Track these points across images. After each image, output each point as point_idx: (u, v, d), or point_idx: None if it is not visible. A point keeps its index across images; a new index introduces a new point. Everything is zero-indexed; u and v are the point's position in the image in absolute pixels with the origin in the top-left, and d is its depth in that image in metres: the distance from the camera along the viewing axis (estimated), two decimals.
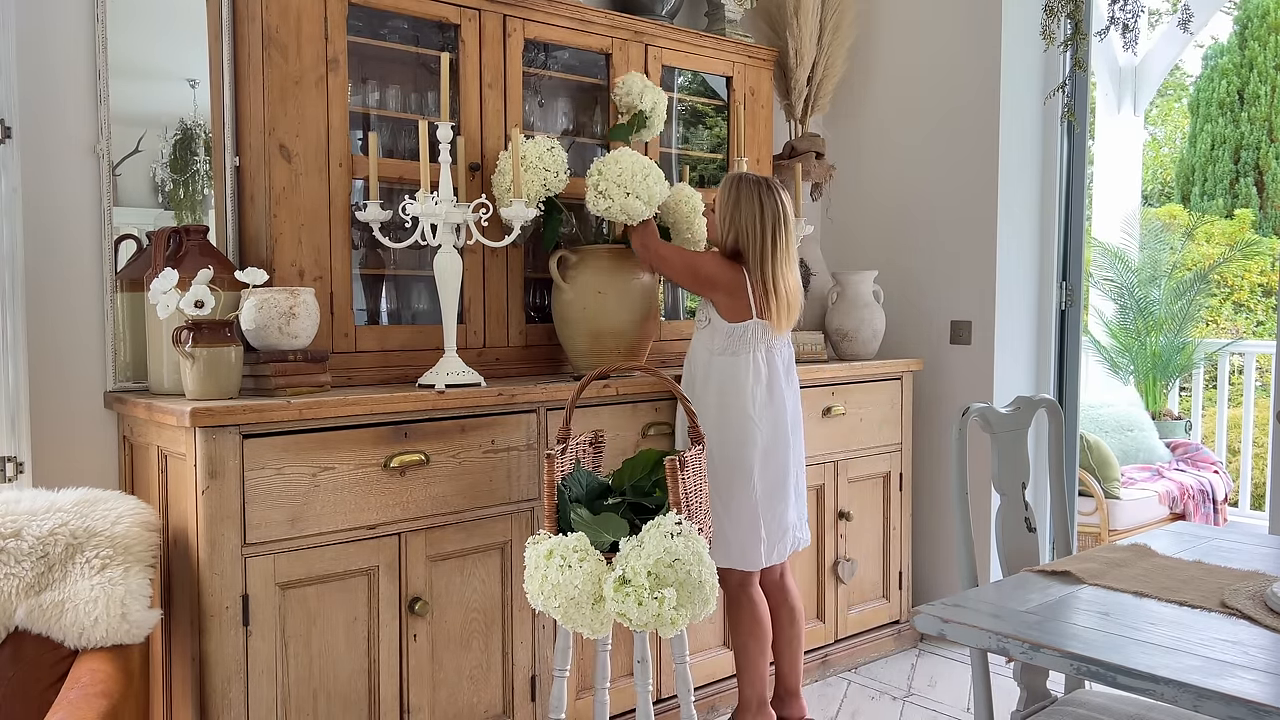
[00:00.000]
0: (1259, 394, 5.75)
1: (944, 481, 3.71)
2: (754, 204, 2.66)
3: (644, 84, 3.01)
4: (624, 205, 2.68)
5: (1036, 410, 2.28)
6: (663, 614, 1.99)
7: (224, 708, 2.12)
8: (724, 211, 2.70)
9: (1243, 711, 1.29)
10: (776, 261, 2.67)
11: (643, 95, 3.00)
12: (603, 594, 2.04)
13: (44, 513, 2.03)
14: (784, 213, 2.68)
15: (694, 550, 2.03)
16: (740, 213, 2.66)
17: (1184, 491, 4.80)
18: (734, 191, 2.68)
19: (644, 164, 2.73)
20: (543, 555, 2.09)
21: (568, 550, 2.07)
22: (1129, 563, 1.93)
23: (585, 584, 2.03)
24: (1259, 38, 8.11)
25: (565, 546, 2.08)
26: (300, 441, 2.21)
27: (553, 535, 2.16)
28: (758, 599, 2.74)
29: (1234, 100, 8.22)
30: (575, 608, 2.04)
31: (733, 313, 2.69)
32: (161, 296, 2.18)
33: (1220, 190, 8.28)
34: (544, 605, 2.10)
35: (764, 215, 2.65)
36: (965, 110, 3.65)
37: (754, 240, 2.65)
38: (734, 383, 2.68)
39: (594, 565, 2.06)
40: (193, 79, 2.62)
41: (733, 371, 2.68)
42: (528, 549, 2.16)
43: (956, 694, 3.25)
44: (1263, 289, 7.74)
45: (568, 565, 2.05)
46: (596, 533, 2.15)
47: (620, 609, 2.01)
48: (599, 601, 2.05)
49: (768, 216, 2.65)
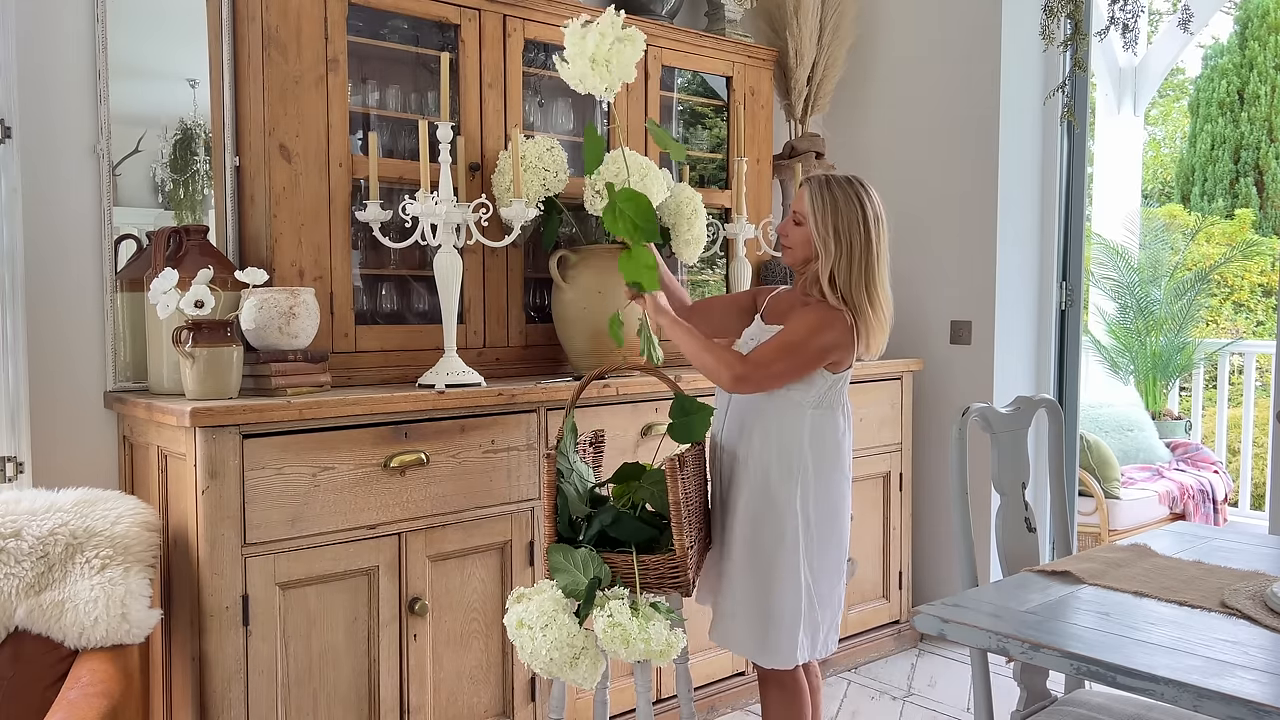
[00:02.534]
0: (1259, 394, 5.75)
1: (944, 481, 3.71)
2: (853, 205, 2.20)
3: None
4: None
5: (1036, 410, 2.28)
6: (650, 649, 2.00)
7: (224, 708, 2.12)
8: (821, 218, 2.19)
9: (1243, 711, 1.29)
10: (882, 269, 2.23)
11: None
12: (579, 650, 2.03)
13: (44, 513, 2.03)
14: (882, 213, 2.26)
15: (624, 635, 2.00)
16: (841, 218, 2.18)
17: (1184, 491, 4.80)
18: (827, 195, 2.20)
19: (642, 164, 2.73)
20: (513, 626, 2.08)
21: (532, 618, 2.05)
22: (1129, 563, 1.93)
23: (554, 650, 2.01)
24: (1259, 38, 8.11)
25: (531, 614, 2.05)
26: (300, 441, 2.21)
27: (531, 588, 2.14)
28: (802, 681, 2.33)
29: (1234, 100, 8.22)
30: (556, 668, 2.04)
31: (840, 365, 2.24)
32: (161, 296, 2.18)
33: (1220, 190, 8.28)
34: (532, 666, 2.08)
35: (866, 216, 2.20)
36: (965, 110, 3.65)
37: (859, 248, 2.18)
38: (840, 440, 2.28)
39: (559, 631, 2.02)
40: (193, 79, 2.62)
41: (829, 428, 2.25)
42: (508, 607, 2.14)
43: (956, 694, 3.24)
44: (1263, 289, 7.74)
45: (535, 632, 2.03)
46: (572, 575, 2.10)
47: (611, 649, 2.01)
48: (578, 658, 2.04)
49: (869, 217, 2.20)
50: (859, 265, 2.19)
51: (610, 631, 1.99)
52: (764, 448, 2.24)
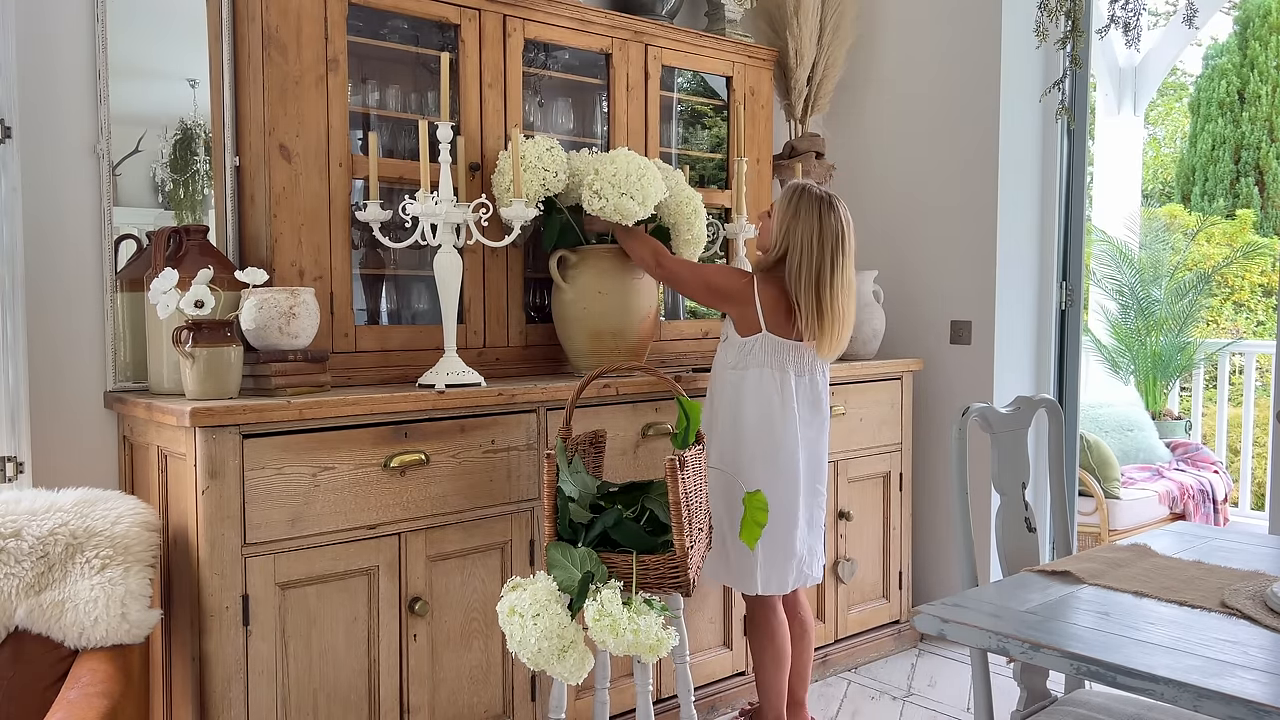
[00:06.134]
0: (1259, 394, 5.75)
1: (944, 481, 3.71)
2: (813, 220, 2.56)
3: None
4: (617, 205, 2.67)
5: (1036, 410, 2.28)
6: (640, 642, 1.99)
7: (224, 708, 2.12)
8: (781, 221, 2.61)
9: (1243, 711, 1.29)
10: (833, 284, 2.56)
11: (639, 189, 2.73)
12: (568, 643, 2.03)
13: (44, 513, 2.03)
14: (844, 234, 2.59)
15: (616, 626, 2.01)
16: (798, 226, 2.57)
17: (1184, 491, 4.80)
18: (794, 204, 2.59)
19: (640, 165, 2.72)
20: (505, 613, 2.09)
21: (524, 606, 2.05)
22: (1129, 563, 1.93)
23: (544, 639, 2.01)
24: (1259, 38, 8.11)
25: (524, 602, 2.06)
26: (300, 441, 2.21)
27: (526, 578, 2.15)
28: (774, 618, 2.69)
29: (1234, 100, 8.21)
30: (544, 660, 2.03)
31: (742, 326, 2.63)
32: (161, 296, 2.18)
33: (1221, 190, 8.28)
34: (519, 655, 2.09)
35: (822, 234, 2.55)
36: (965, 110, 3.65)
37: (808, 258, 2.55)
38: (741, 399, 2.62)
39: (549, 620, 2.02)
40: (193, 79, 2.62)
41: (740, 387, 2.63)
42: (502, 595, 2.15)
43: (956, 694, 3.24)
44: (1263, 289, 7.73)
45: (526, 620, 2.03)
46: (568, 571, 2.11)
47: (599, 639, 2.01)
48: (566, 651, 2.04)
49: (826, 236, 2.56)
50: (807, 267, 2.56)
51: (600, 621, 1.99)
52: (708, 400, 2.75)
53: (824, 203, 2.58)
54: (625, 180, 2.68)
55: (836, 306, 2.58)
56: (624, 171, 2.69)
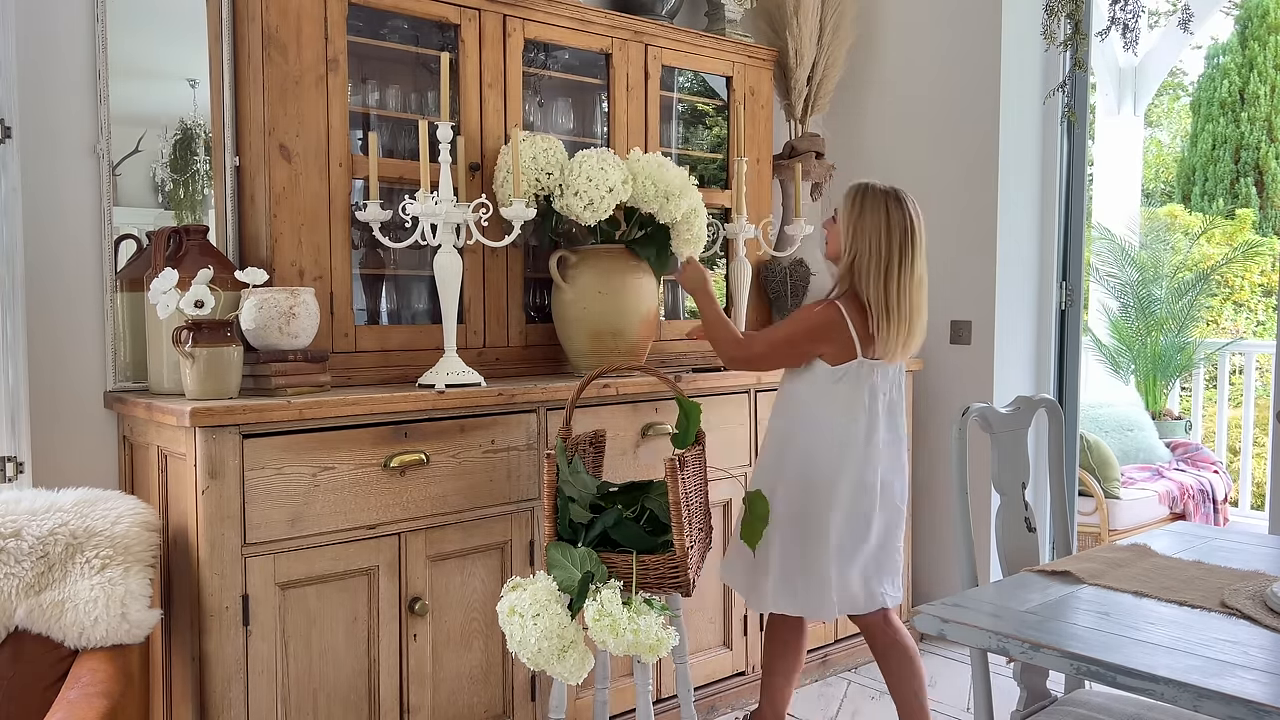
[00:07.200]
0: (1259, 394, 5.75)
1: (944, 481, 3.71)
2: (879, 215, 2.45)
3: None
4: (568, 204, 2.72)
5: (1036, 410, 2.28)
6: (640, 642, 1.99)
7: (224, 708, 2.12)
8: (847, 223, 2.49)
9: (1243, 711, 1.29)
10: (901, 280, 2.44)
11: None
12: (568, 643, 2.03)
13: (44, 512, 2.03)
14: (914, 227, 2.47)
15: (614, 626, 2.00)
16: (864, 224, 2.45)
17: (1184, 491, 4.80)
18: (859, 202, 2.48)
19: (601, 161, 2.74)
20: (505, 613, 2.08)
21: (524, 606, 2.05)
22: (1129, 563, 1.93)
23: (544, 639, 2.00)
24: (1259, 38, 8.11)
25: (524, 602, 2.05)
26: (300, 441, 2.21)
27: (526, 578, 2.14)
28: (791, 635, 2.65)
29: (1234, 100, 8.21)
30: (544, 659, 2.03)
31: (837, 358, 2.48)
32: (161, 296, 2.18)
33: (1221, 190, 8.28)
34: (519, 655, 2.08)
35: (889, 228, 2.44)
36: (965, 110, 3.65)
37: (875, 253, 2.43)
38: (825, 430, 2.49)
39: (549, 620, 2.01)
40: (193, 79, 2.62)
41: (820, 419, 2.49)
42: (502, 595, 2.15)
43: (956, 694, 3.25)
44: (1263, 289, 7.73)
45: (526, 620, 2.03)
46: (568, 571, 2.10)
47: (599, 639, 2.01)
48: (566, 651, 2.03)
49: (894, 229, 2.44)
50: (876, 261, 2.45)
51: (599, 620, 1.99)
52: (773, 428, 2.61)
53: (890, 196, 2.47)
54: (577, 178, 2.71)
55: (905, 303, 2.45)
56: (583, 172, 2.71)
